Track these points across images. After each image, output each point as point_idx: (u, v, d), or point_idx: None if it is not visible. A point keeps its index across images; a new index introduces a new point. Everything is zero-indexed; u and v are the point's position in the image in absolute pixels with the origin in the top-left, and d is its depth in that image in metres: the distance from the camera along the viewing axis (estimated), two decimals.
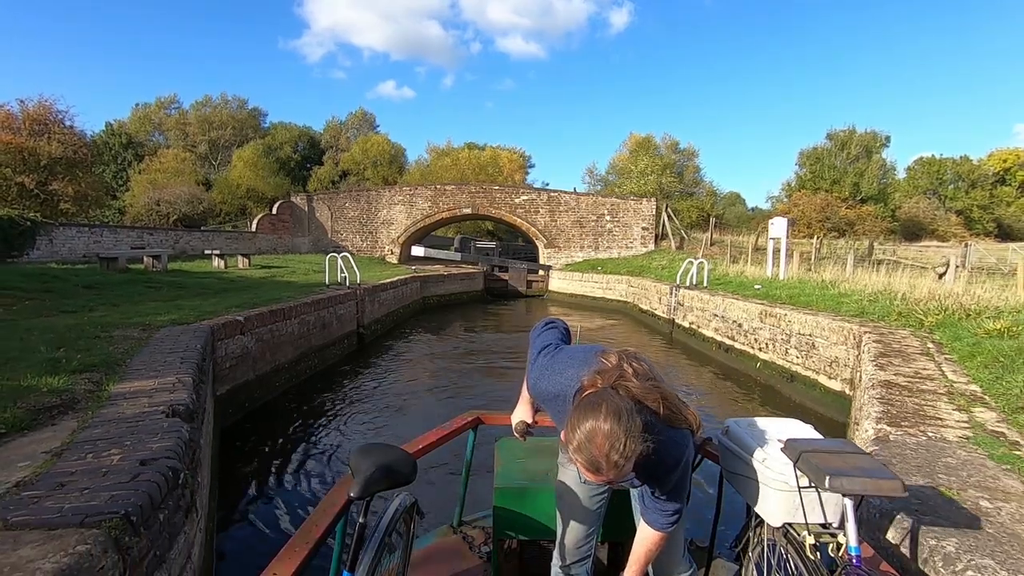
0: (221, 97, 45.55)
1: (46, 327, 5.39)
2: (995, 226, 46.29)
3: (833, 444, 1.48)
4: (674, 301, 13.57)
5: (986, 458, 2.50)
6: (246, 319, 6.80)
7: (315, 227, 25.38)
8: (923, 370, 4.28)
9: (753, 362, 9.24)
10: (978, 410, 3.22)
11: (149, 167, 34.41)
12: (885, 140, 42.67)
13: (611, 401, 1.20)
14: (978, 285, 9.33)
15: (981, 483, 2.22)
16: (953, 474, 2.30)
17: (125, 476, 2.20)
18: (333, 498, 1.56)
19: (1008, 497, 2.11)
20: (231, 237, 21.20)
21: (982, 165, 49.46)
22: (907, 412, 3.18)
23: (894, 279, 9.96)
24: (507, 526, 2.04)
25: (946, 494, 2.11)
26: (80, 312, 6.79)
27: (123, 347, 4.59)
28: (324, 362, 9.45)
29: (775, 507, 1.50)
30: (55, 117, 24.17)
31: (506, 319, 18.05)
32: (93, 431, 2.72)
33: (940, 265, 12.34)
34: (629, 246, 24.39)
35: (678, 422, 1.35)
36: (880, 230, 35.57)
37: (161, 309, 7.22)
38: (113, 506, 1.94)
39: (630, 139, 42.78)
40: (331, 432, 6.40)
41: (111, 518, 1.86)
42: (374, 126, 50.32)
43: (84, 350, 4.26)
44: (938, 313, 6.36)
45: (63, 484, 2.13)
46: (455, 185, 26.06)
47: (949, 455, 2.52)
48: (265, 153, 39.04)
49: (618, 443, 1.14)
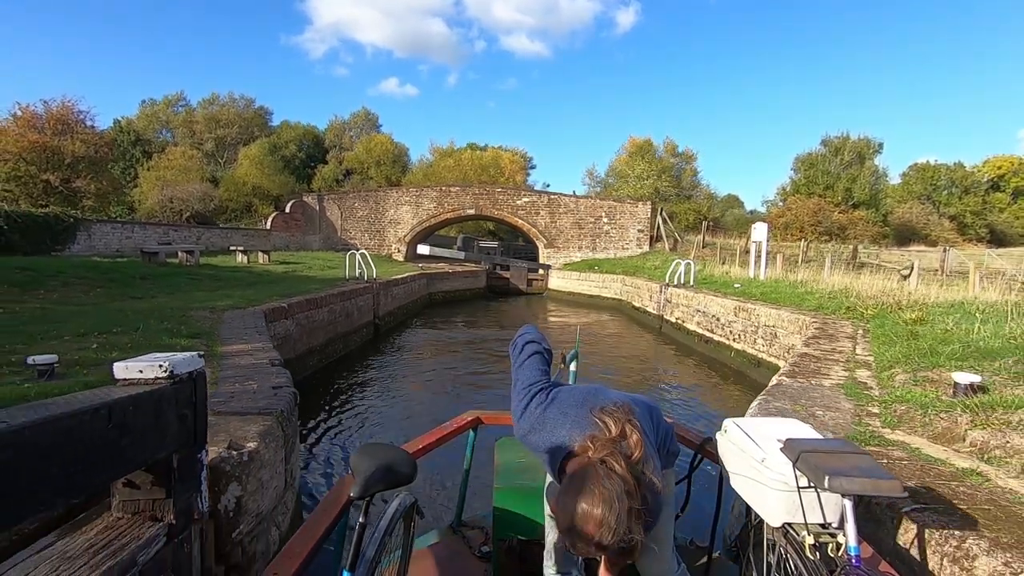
0: (228, 96, 46.48)
1: (132, 309, 6.55)
2: (987, 232, 46.80)
3: (832, 444, 1.49)
4: (663, 299, 14.75)
5: (841, 394, 3.66)
6: (289, 306, 7.98)
7: (325, 225, 26.55)
8: (839, 347, 5.45)
9: (728, 351, 10.41)
10: (860, 371, 4.39)
11: (158, 164, 35.10)
12: (878, 147, 43.78)
13: (602, 486, 1.16)
14: (932, 286, 10.55)
15: (824, 404, 3.38)
16: (810, 400, 3.47)
17: (269, 394, 3.37)
18: (333, 498, 1.59)
19: (837, 408, 3.28)
20: (247, 234, 22.36)
21: (977, 172, 50.25)
22: (807, 371, 4.35)
23: (856, 280, 11.16)
24: (507, 526, 2.06)
25: (796, 408, 3.26)
26: (146, 298, 7.96)
27: (207, 324, 5.75)
28: (347, 347, 10.62)
29: (774, 507, 1.51)
30: (77, 117, 25.29)
31: (507, 315, 19.21)
32: (227, 372, 3.88)
33: (904, 268, 13.52)
34: (625, 247, 25.56)
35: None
36: (871, 234, 36.69)
37: (213, 297, 8.39)
38: (272, 406, 3.11)
39: (629, 142, 44.04)
40: (355, 407, 7.53)
41: (275, 411, 3.03)
42: (377, 125, 51.28)
43: (182, 324, 5.42)
44: (875, 307, 7.54)
45: (232, 396, 3.30)
46: (459, 187, 27.25)
47: (817, 393, 3.68)
48: (271, 151, 39.90)
49: (607, 530, 1.12)
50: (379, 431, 6.33)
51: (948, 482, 2.17)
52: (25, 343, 4.11)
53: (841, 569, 1.32)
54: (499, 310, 20.29)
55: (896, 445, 2.64)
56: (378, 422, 6.66)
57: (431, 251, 26.40)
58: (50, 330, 4.76)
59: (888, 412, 3.17)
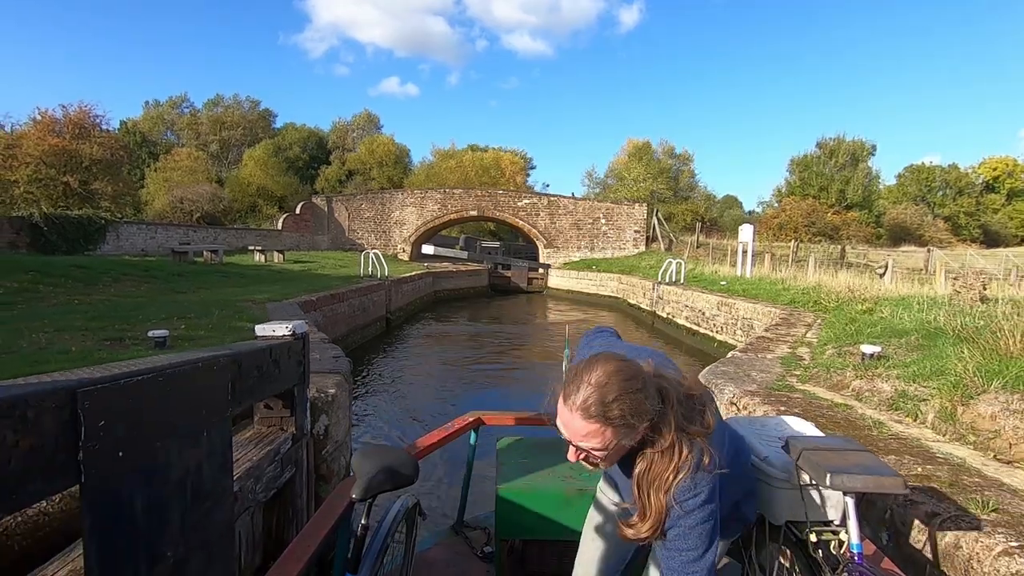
0: (233, 98, 47.07)
1: (186, 300, 7.53)
2: (981, 232, 47.11)
3: (834, 442, 1.47)
4: (655, 296, 15.74)
5: (778, 363, 4.64)
6: (317, 299, 8.96)
7: (334, 226, 27.55)
8: (794, 332, 6.44)
9: (712, 343, 11.40)
10: (801, 348, 5.38)
11: (164, 165, 35.64)
12: (871, 149, 44.70)
13: (627, 361, 1.07)
14: (906, 283, 11.53)
15: (761, 369, 4.37)
16: (751, 367, 4.44)
17: (331, 361, 4.35)
18: (336, 500, 1.59)
19: (770, 372, 4.27)
20: (260, 235, 23.33)
21: (972, 173, 50.67)
22: (758, 348, 5.33)
23: (833, 278, 12.14)
24: (509, 526, 2.06)
25: (738, 372, 4.24)
26: (189, 292, 8.94)
27: (256, 312, 6.72)
28: (364, 338, 11.61)
29: (776, 505, 1.51)
30: (93, 121, 26.24)
31: (508, 312, 20.20)
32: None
33: (880, 267, 14.52)
34: (622, 247, 26.57)
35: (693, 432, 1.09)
36: (864, 235, 37.63)
37: (246, 292, 9.36)
38: (338, 368, 4.10)
39: (628, 144, 45.07)
40: (375, 391, 8.53)
41: (342, 371, 4.01)
42: (378, 126, 52.04)
43: (238, 312, 6.40)
44: (837, 301, 8.52)
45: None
46: (462, 189, 28.27)
47: (759, 363, 4.66)
48: (275, 153, 40.57)
49: (602, 381, 1.01)
50: (393, 409, 7.30)
51: (824, 410, 3.16)
52: (128, 325, 5.08)
53: (844, 567, 1.33)
54: (501, 307, 21.28)
55: (800, 392, 3.63)
56: (390, 400, 7.64)
57: (435, 251, 27.38)
58: (132, 316, 5.73)
59: (806, 373, 4.16)
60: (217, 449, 1.73)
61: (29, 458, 0.91)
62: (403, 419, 6.78)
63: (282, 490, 2.83)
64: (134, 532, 1.25)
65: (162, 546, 1.42)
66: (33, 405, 0.93)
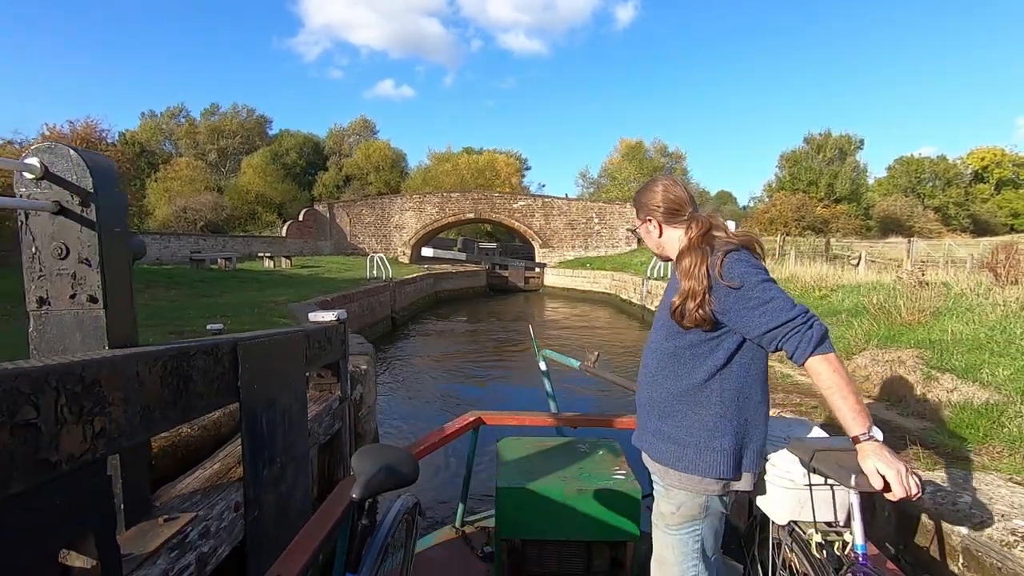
0: (232, 107, 47.43)
1: (216, 303, 8.39)
2: (970, 222, 47.50)
3: (845, 442, 1.42)
4: (645, 290, 16.64)
5: None
6: (331, 299, 9.84)
7: (336, 232, 28.43)
8: None
9: None
10: None
11: (164, 175, 35.78)
12: (859, 143, 45.37)
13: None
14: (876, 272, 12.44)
15: None
16: None
17: (359, 346, 5.23)
18: (335, 500, 1.62)
19: None
20: (266, 241, 24.19)
21: (961, 164, 50.80)
22: None
23: (808, 268, 13.03)
24: (510, 526, 2.08)
25: None
26: (216, 296, 9.80)
27: (284, 310, 7.60)
28: (372, 336, 12.47)
29: (780, 505, 1.52)
30: (99, 135, 27.02)
31: (506, 310, 21.07)
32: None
33: (854, 257, 15.44)
34: (615, 245, 27.49)
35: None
36: (853, 227, 38.46)
37: (266, 295, 10.23)
38: (365, 350, 4.98)
39: (621, 144, 45.96)
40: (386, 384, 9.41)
41: (369, 353, 4.89)
42: (374, 131, 52.50)
43: (268, 311, 7.27)
44: (802, 289, 9.43)
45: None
46: (460, 192, 29.18)
47: None
48: (272, 160, 40.88)
49: (665, 181, 1.38)
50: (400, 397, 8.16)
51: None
52: (181, 322, 5.95)
53: (848, 567, 1.33)
54: (499, 306, 22.16)
55: None
56: (397, 389, 8.51)
57: (434, 253, 28.21)
58: (179, 316, 6.61)
59: None
60: (299, 396, 2.66)
61: (219, 380, 1.77)
62: (412, 414, 7.61)
63: (332, 439, 3.72)
64: (263, 439, 2.17)
65: (275, 452, 2.32)
66: (221, 348, 1.81)
